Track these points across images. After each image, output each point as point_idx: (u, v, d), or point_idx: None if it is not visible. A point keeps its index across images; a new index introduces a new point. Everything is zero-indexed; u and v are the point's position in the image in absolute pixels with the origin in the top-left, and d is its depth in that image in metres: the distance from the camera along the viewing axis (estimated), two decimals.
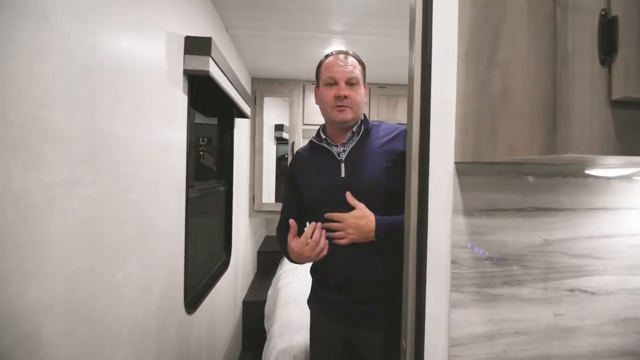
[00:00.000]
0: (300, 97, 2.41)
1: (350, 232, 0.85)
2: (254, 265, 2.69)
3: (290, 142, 2.41)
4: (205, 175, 1.89)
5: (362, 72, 0.94)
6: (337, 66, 0.90)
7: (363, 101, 0.93)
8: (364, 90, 0.93)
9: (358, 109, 0.91)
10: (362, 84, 0.93)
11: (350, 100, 0.88)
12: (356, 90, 0.90)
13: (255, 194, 2.37)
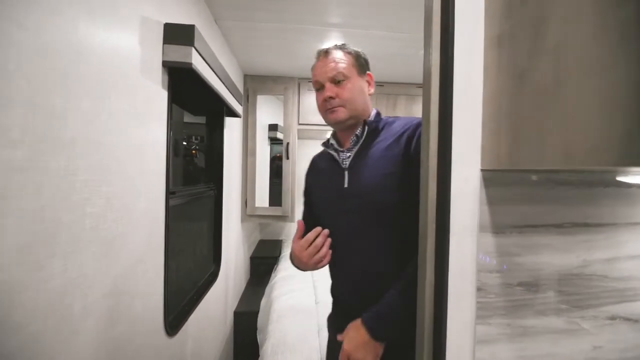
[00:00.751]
0: (295, 95, 2.29)
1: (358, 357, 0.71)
2: (247, 271, 2.56)
3: (284, 142, 2.28)
4: (197, 178, 1.77)
5: (355, 63, 0.83)
6: (319, 68, 0.83)
7: (360, 95, 0.82)
8: (359, 83, 0.82)
9: (353, 105, 0.81)
10: (357, 75, 0.82)
11: (340, 99, 0.80)
12: (344, 86, 0.80)
13: (248, 198, 2.25)
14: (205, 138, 1.66)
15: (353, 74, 0.81)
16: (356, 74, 0.82)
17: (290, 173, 2.28)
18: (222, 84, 1.33)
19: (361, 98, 0.82)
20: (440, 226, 0.56)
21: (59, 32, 0.54)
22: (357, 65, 0.83)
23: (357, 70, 0.83)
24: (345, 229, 0.81)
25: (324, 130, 2.39)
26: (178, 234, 1.25)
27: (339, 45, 0.85)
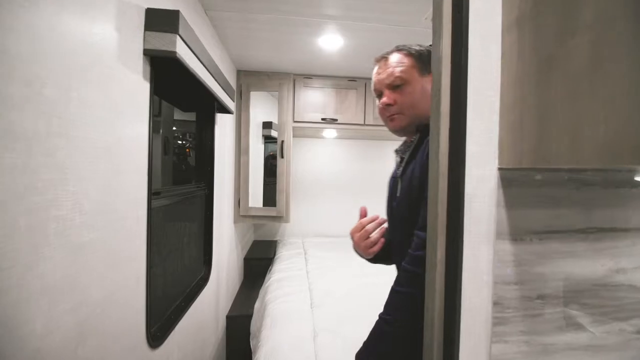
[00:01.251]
0: (290, 92, 2.22)
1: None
2: (240, 273, 2.49)
3: (279, 140, 2.21)
4: (190, 177, 1.68)
5: (415, 64, 0.76)
6: (376, 75, 0.82)
7: (423, 98, 0.74)
8: (422, 84, 0.75)
9: (413, 110, 0.75)
10: (418, 77, 0.76)
11: (398, 106, 0.76)
12: (403, 91, 0.75)
13: (241, 198, 2.17)
14: (195, 135, 1.58)
15: (413, 77, 0.76)
16: (417, 75, 0.76)
17: (285, 172, 2.21)
18: (212, 78, 1.26)
19: (424, 101, 0.73)
20: (451, 232, 0.50)
21: (14, 6, 0.46)
22: (419, 66, 0.76)
23: (419, 71, 0.76)
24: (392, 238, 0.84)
25: (319, 128, 2.32)
26: (164, 237, 1.18)
27: (398, 47, 0.80)
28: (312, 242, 2.88)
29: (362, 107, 2.29)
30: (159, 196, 1.03)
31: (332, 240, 2.95)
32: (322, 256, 2.45)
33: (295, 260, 2.36)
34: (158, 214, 1.08)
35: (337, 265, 2.23)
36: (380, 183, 3.20)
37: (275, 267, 2.25)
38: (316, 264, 2.28)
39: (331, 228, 3.12)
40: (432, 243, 0.53)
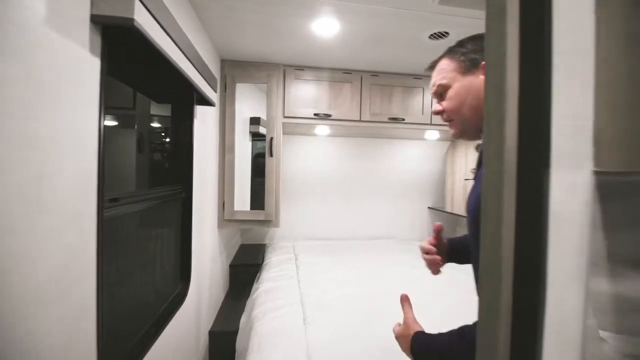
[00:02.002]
0: (280, 85, 2.03)
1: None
2: (225, 282, 2.29)
3: (267, 137, 2.02)
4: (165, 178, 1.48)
5: (457, 65, 0.71)
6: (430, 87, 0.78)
7: (468, 96, 0.68)
8: (466, 83, 0.69)
9: (459, 113, 0.71)
10: (460, 77, 0.70)
11: (447, 114, 0.73)
12: (447, 97, 0.72)
13: (226, 201, 1.97)
14: (171, 130, 1.38)
15: (455, 78, 0.71)
16: (460, 75, 0.70)
17: (275, 172, 2.03)
18: (189, 62, 1.07)
19: (469, 103, 0.68)
20: (523, 267, 0.34)
21: None
22: (462, 65, 0.70)
23: (462, 70, 0.70)
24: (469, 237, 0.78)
25: (312, 124, 2.14)
26: (129, 251, 0.98)
27: (448, 49, 0.75)
28: (303, 245, 2.71)
29: (357, 102, 2.12)
30: (117, 203, 0.83)
31: (323, 243, 2.79)
32: (313, 262, 2.28)
33: (285, 267, 2.18)
34: (118, 224, 0.89)
35: (330, 272, 2.07)
36: (376, 183, 3.07)
37: (264, 275, 2.06)
38: (308, 270, 2.11)
39: (323, 230, 2.96)
40: (490, 284, 0.36)
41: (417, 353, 0.69)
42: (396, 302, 1.70)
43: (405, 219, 3.13)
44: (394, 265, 2.23)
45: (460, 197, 2.76)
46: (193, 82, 1.14)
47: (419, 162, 3.07)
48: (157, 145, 1.67)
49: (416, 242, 2.95)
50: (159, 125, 1.65)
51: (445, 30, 1.54)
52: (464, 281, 1.94)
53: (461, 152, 2.79)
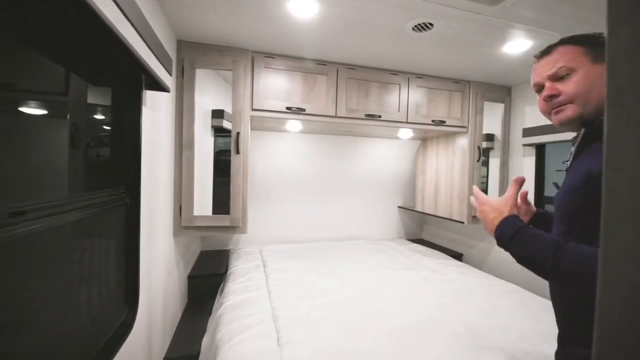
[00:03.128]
0: (248, 73, 1.81)
1: (480, 217, 0.79)
2: (183, 296, 2.02)
3: (233, 132, 1.79)
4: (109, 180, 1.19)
5: (584, 51, 0.69)
6: (537, 68, 0.76)
7: (596, 85, 0.67)
8: (595, 71, 0.67)
9: (585, 100, 0.68)
10: (589, 63, 0.68)
11: (565, 96, 0.70)
12: (569, 81, 0.69)
13: (184, 204, 1.71)
14: (112, 120, 1.11)
15: (583, 64, 0.68)
16: (589, 62, 0.68)
17: (242, 171, 1.80)
18: (133, 29, 0.83)
19: (599, 89, 0.66)
20: None
21: None
22: (591, 52, 0.68)
23: (591, 58, 0.68)
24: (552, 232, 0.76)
25: (284, 119, 1.95)
26: (48, 277, 0.73)
27: (562, 40, 0.73)
28: (272, 250, 2.51)
29: (333, 96, 1.97)
30: (23, 219, 0.59)
31: (293, 247, 2.62)
32: (284, 268, 2.10)
33: (252, 276, 1.97)
34: (28, 245, 0.64)
35: (303, 279, 1.91)
36: (348, 183, 2.95)
37: (229, 287, 1.83)
38: (278, 279, 1.92)
39: (292, 233, 2.78)
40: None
41: (499, 235, 0.71)
42: (378, 309, 1.57)
43: (376, 218, 3.07)
44: (368, 268, 2.13)
45: (431, 196, 2.75)
46: (140, 58, 0.90)
47: (390, 161, 3.02)
48: (98, 140, 1.37)
49: (387, 242, 2.91)
50: (101, 116, 1.36)
51: (429, 21, 1.44)
52: (440, 282, 1.90)
53: (432, 152, 2.78)
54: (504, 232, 0.70)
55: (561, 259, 0.59)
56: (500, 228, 0.71)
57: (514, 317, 1.47)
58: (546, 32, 1.52)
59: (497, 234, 0.71)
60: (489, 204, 0.76)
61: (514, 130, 2.40)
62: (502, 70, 2.06)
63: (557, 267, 0.59)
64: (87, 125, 1.14)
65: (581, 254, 0.58)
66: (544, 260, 0.61)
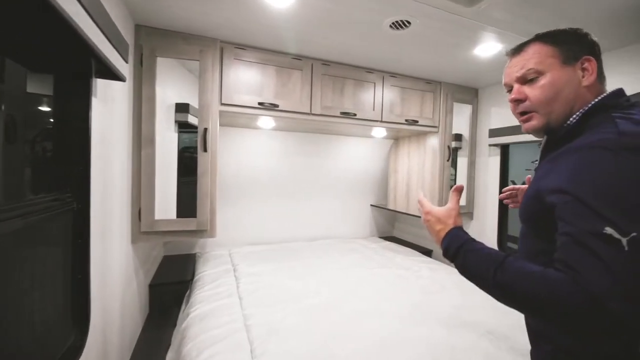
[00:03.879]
0: (217, 65, 1.68)
1: (427, 227, 0.77)
2: (144, 306, 1.85)
3: (200, 128, 1.65)
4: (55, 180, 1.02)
5: (556, 52, 0.66)
6: (507, 69, 0.73)
7: (563, 92, 0.64)
8: (565, 75, 0.65)
9: (549, 108, 0.66)
10: (559, 66, 0.65)
11: (532, 102, 0.67)
12: (536, 85, 0.66)
13: (143, 208, 1.55)
14: (54, 112, 0.95)
15: (552, 67, 0.65)
16: (558, 65, 0.65)
17: (210, 170, 1.67)
18: (80, 5, 0.69)
19: (565, 95, 0.64)
20: None
21: None
22: (562, 54, 0.65)
23: (561, 60, 0.65)
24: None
25: (255, 114, 1.84)
26: None
27: (537, 35, 0.70)
28: (243, 253, 2.39)
29: (308, 92, 1.90)
30: None
31: (265, 248, 2.51)
32: (256, 271, 2.00)
33: (222, 282, 1.85)
34: None
35: (276, 283, 1.82)
36: (321, 182, 2.89)
37: (196, 295, 1.70)
38: (250, 283, 1.82)
39: (264, 234, 2.68)
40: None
41: (445, 248, 0.69)
42: (355, 311, 1.53)
43: (349, 217, 3.05)
44: (344, 268, 2.09)
45: (403, 195, 2.79)
46: (89, 39, 0.77)
47: (363, 160, 3.02)
48: (40, 135, 1.18)
49: (360, 240, 2.90)
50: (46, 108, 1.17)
51: (407, 19, 1.42)
52: (414, 280, 1.91)
53: (404, 151, 2.81)
54: (450, 245, 0.68)
55: (502, 276, 0.56)
56: (445, 241, 0.69)
57: (485, 313, 1.51)
58: (515, 36, 1.57)
59: (444, 247, 0.70)
60: (433, 214, 0.74)
61: (480, 131, 2.49)
62: (472, 72, 2.11)
63: (497, 285, 0.56)
64: (26, 118, 0.97)
65: (518, 271, 0.55)
66: (485, 277, 0.59)
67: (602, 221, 0.49)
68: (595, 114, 0.61)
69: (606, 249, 0.48)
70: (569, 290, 0.49)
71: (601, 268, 0.47)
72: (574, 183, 0.53)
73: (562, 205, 0.54)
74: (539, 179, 0.65)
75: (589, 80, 0.64)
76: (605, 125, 0.57)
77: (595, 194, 0.50)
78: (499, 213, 2.35)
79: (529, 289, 0.52)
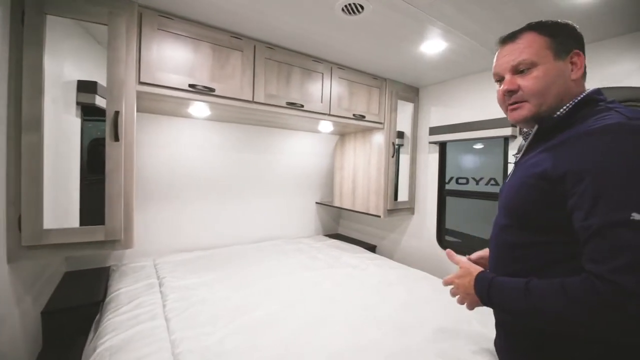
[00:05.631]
0: (133, 34, 1.35)
1: (462, 295, 0.76)
2: (35, 340, 1.42)
3: (109, 112, 1.31)
4: None
5: (549, 44, 0.66)
6: (499, 57, 0.73)
7: (555, 84, 0.65)
8: (556, 68, 0.65)
9: (541, 99, 0.66)
10: (551, 59, 0.66)
11: (524, 92, 0.68)
12: (529, 75, 0.67)
13: (25, 215, 1.16)
14: None
15: (545, 59, 0.66)
16: (551, 57, 0.66)
17: (124, 165, 1.35)
18: None
19: (557, 88, 0.66)
20: None
21: None
22: (554, 48, 0.66)
23: (553, 54, 0.66)
24: (494, 222, 0.78)
25: (186, 98, 1.55)
26: None
27: (530, 25, 0.70)
28: (171, 262, 2.05)
29: (250, 78, 1.68)
30: None
31: (199, 255, 2.22)
32: (187, 284, 1.72)
33: (143, 301, 1.53)
34: None
35: (213, 296, 1.58)
36: (263, 179, 2.65)
37: (107, 322, 1.36)
38: (180, 300, 1.54)
39: (199, 239, 2.37)
40: None
41: (479, 295, 0.70)
42: (304, 322, 1.38)
43: (294, 216, 2.91)
44: (289, 272, 1.94)
45: (349, 191, 2.74)
46: None
47: (308, 156, 2.89)
48: None
49: (306, 239, 2.78)
50: None
51: (361, 2, 1.31)
52: (362, 278, 1.85)
53: (350, 147, 2.77)
54: (481, 289, 0.70)
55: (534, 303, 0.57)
56: (477, 287, 0.72)
57: (431, 309, 1.51)
58: (461, 36, 1.59)
59: (477, 293, 0.71)
60: (456, 275, 0.78)
61: (421, 129, 2.57)
62: (415, 70, 2.14)
63: (532, 314, 0.57)
64: None
65: (544, 292, 0.56)
66: (519, 311, 0.60)
67: (627, 208, 0.46)
68: (585, 106, 0.63)
69: (636, 237, 0.45)
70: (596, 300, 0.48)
71: (633, 261, 0.45)
72: (592, 166, 0.51)
73: (580, 192, 0.52)
74: (532, 166, 0.64)
75: (577, 74, 0.66)
76: (604, 114, 0.57)
77: (619, 177, 0.48)
78: (438, 208, 2.45)
79: (560, 309, 0.52)
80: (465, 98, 2.22)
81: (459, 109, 2.27)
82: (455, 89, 2.29)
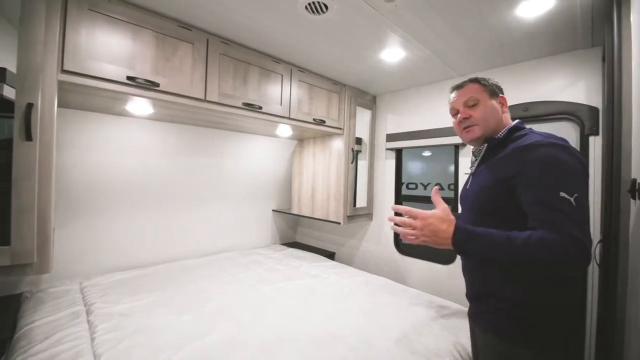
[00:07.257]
0: (56, 12, 1.11)
1: (427, 235, 0.83)
2: None
3: (20, 104, 1.06)
4: None
5: (485, 89, 0.98)
6: (455, 99, 1.02)
7: (492, 115, 0.97)
8: (492, 104, 0.97)
9: (487, 123, 0.96)
10: (488, 98, 0.97)
11: (475, 118, 0.97)
12: (477, 109, 0.97)
13: None
14: None
15: (484, 98, 0.97)
16: (487, 97, 0.97)
17: (38, 171, 1.09)
18: None
19: (494, 117, 0.97)
20: None
21: None
22: (488, 91, 0.98)
23: (489, 95, 0.98)
24: (463, 220, 0.95)
25: (123, 92, 1.33)
26: None
27: (471, 79, 1.01)
28: (103, 285, 1.75)
29: (202, 74, 1.51)
30: None
31: (138, 275, 1.93)
32: (123, 310, 1.47)
33: (66, 335, 1.25)
34: None
35: (154, 322, 1.36)
36: (221, 186, 2.41)
37: None
38: (113, 330, 1.30)
39: (138, 255, 2.08)
40: None
41: (455, 242, 0.79)
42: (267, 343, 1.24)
43: (249, 225, 2.73)
44: (246, 288, 1.78)
45: (308, 198, 2.66)
46: None
47: (265, 162, 2.75)
48: None
49: (262, 250, 2.62)
50: None
51: (325, 1, 1.26)
52: (323, 288, 1.76)
53: (309, 153, 2.70)
54: (460, 237, 0.79)
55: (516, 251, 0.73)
56: (457, 234, 0.79)
57: (393, 314, 1.49)
58: (418, 46, 1.63)
59: (455, 240, 0.79)
60: (435, 216, 0.83)
61: (378, 135, 2.60)
62: (374, 77, 2.17)
63: (513, 259, 0.74)
64: None
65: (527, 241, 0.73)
66: (500, 258, 0.75)
67: (556, 189, 0.74)
68: (515, 131, 0.93)
69: (564, 205, 0.72)
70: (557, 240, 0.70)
71: (566, 219, 0.71)
72: (532, 167, 0.78)
73: (528, 183, 0.78)
74: (490, 173, 0.90)
75: (504, 110, 0.99)
76: (528, 136, 0.87)
77: (548, 171, 0.76)
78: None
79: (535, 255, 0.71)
80: (419, 107, 2.31)
81: (414, 117, 2.34)
82: (411, 98, 2.37)
